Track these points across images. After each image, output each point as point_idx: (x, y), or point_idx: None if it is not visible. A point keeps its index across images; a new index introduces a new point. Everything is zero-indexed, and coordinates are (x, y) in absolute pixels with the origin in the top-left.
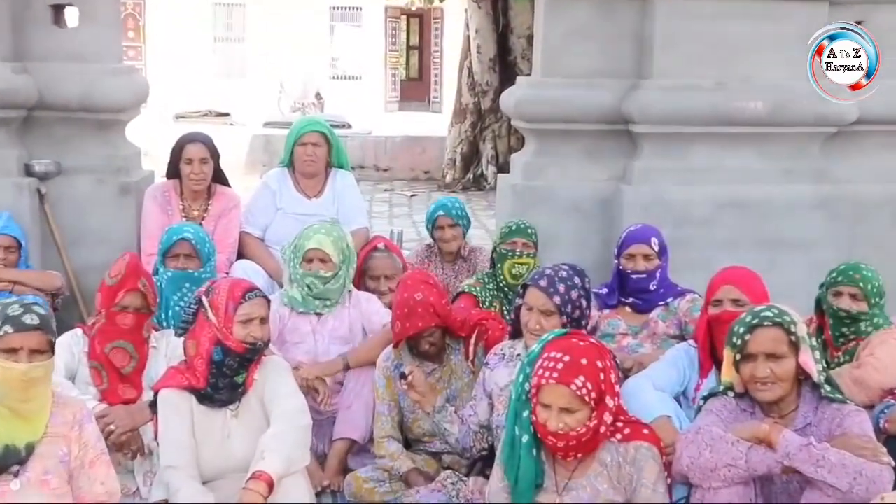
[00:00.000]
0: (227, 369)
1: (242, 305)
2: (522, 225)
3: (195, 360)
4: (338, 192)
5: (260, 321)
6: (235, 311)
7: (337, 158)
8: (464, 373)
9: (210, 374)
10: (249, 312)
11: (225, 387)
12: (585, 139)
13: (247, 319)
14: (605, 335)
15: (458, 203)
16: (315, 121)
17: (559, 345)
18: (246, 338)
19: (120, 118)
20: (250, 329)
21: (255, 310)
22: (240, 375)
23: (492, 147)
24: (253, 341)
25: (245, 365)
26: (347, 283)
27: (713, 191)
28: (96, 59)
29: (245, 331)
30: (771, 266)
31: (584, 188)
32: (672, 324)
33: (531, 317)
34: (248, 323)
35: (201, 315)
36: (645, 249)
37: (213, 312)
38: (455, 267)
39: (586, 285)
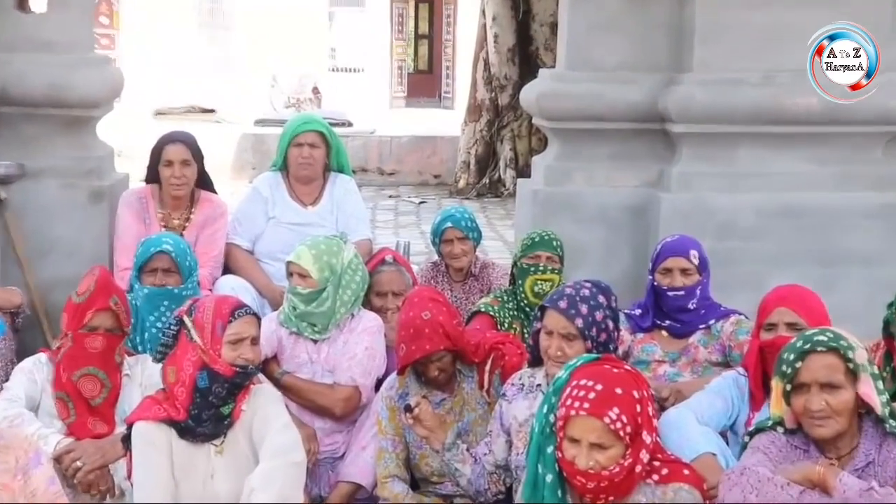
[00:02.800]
0: (214, 398)
1: (231, 324)
2: (546, 236)
3: (176, 388)
4: (337, 199)
5: (251, 341)
6: (223, 330)
7: (336, 161)
8: (478, 403)
9: (193, 404)
10: (239, 331)
11: (209, 419)
12: (616, 140)
13: (237, 339)
14: (638, 362)
15: (467, 213)
16: (312, 118)
17: (590, 371)
18: (236, 360)
19: (92, 115)
20: (241, 350)
21: (246, 328)
22: (226, 406)
23: (510, 148)
24: (244, 363)
25: (234, 393)
26: (340, 307)
27: (761, 198)
28: (65, 49)
29: (235, 352)
30: (828, 284)
31: (615, 195)
32: (714, 349)
33: (552, 342)
34: (239, 343)
35: (183, 337)
36: (683, 263)
37: (198, 333)
38: (465, 287)
39: (612, 304)
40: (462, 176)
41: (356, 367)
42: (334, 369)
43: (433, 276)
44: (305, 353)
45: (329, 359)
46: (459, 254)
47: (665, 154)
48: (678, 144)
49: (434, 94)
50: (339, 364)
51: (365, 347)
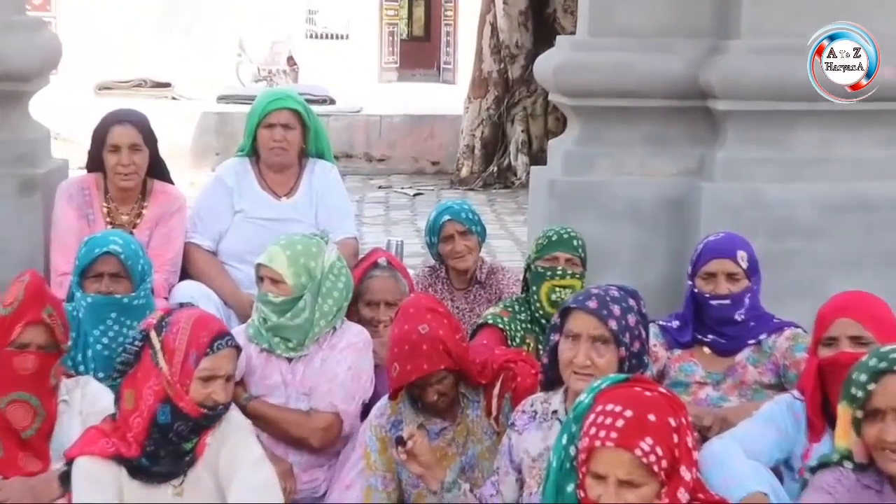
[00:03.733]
0: (175, 435)
1: (208, 357)
2: (565, 234)
3: (132, 417)
4: (317, 190)
5: (226, 379)
6: (197, 362)
7: (315, 145)
8: (484, 434)
9: (149, 439)
10: (215, 367)
11: (168, 455)
12: (649, 120)
13: (210, 376)
14: (675, 384)
15: (466, 206)
16: (286, 94)
17: (618, 394)
18: (205, 400)
19: (22, 90)
20: (212, 389)
21: (223, 365)
22: (188, 442)
23: (522, 130)
24: (213, 405)
25: (197, 431)
26: (319, 319)
27: (823, 189)
28: None
29: (205, 390)
30: None
31: (648, 186)
32: (766, 369)
33: (578, 349)
34: (211, 381)
35: (147, 356)
36: (729, 266)
37: (166, 358)
38: (469, 295)
39: (643, 310)
40: (465, 163)
41: (337, 391)
42: (311, 393)
43: (431, 283)
44: (278, 374)
45: (305, 380)
46: (462, 251)
47: (708, 137)
48: (724, 125)
49: (432, 66)
50: (317, 386)
51: (348, 367)
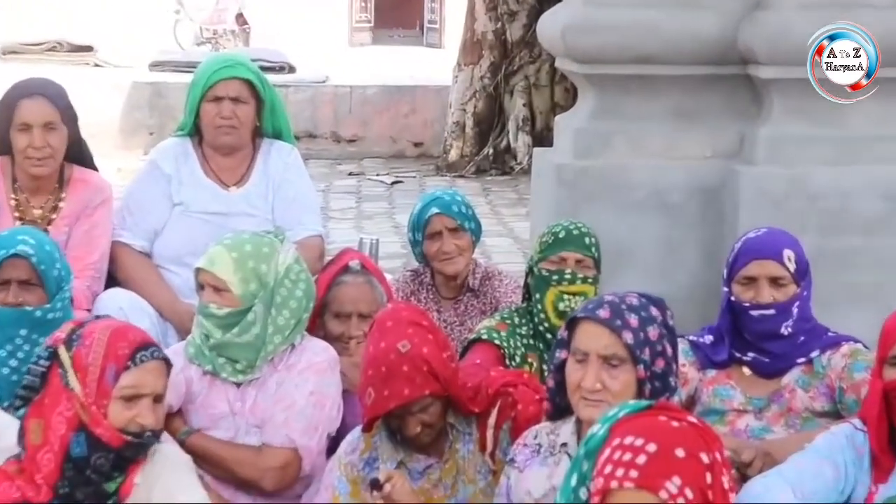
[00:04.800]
0: (93, 472)
1: (129, 372)
2: (575, 230)
3: (41, 453)
4: (273, 178)
5: (153, 399)
6: (116, 379)
7: (272, 123)
8: (478, 473)
9: (62, 479)
10: (139, 384)
11: (86, 498)
12: (676, 91)
13: (133, 395)
14: (709, 412)
15: (459, 197)
16: (235, 61)
17: (638, 425)
18: (128, 425)
19: None
20: (137, 411)
21: (149, 380)
22: (112, 481)
23: (524, 104)
24: (139, 430)
25: (122, 466)
26: (273, 335)
27: (887, 174)
28: None
29: (128, 413)
30: None
31: (675, 171)
32: (819, 392)
33: (587, 371)
34: (135, 401)
35: (56, 378)
36: (773, 269)
37: (78, 377)
38: (459, 305)
39: (669, 322)
40: (454, 144)
41: (296, 422)
42: (265, 424)
43: (413, 291)
44: (224, 402)
45: (257, 409)
46: (452, 252)
47: (748, 110)
48: (767, 97)
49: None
50: (271, 417)
51: (310, 392)
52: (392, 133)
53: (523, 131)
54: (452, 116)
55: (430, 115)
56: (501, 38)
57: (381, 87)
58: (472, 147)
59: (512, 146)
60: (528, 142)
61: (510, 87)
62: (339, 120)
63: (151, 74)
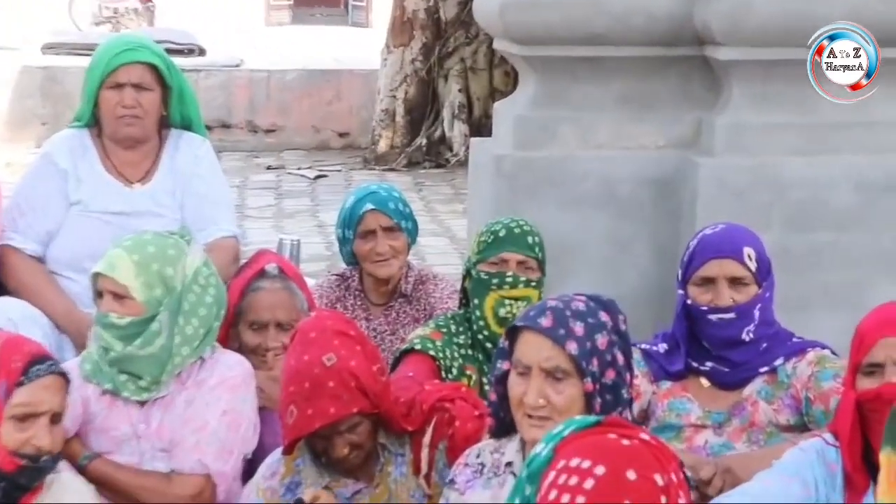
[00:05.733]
0: None
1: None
2: (517, 228)
3: None
4: (182, 173)
5: (50, 419)
6: (8, 395)
7: (180, 112)
8: (411, 497)
9: None
10: (34, 401)
11: None
12: (628, 74)
13: (28, 414)
14: (664, 427)
15: (396, 193)
16: (138, 43)
17: (585, 445)
18: (22, 447)
19: None
20: (32, 432)
21: (45, 397)
22: None
23: (460, 89)
24: (34, 454)
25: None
26: (181, 346)
27: (862, 164)
28: None
29: (22, 435)
30: None
31: (625, 162)
32: (784, 404)
33: (529, 386)
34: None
35: None
36: (733, 268)
37: None
38: (391, 312)
39: (621, 327)
40: (383, 134)
41: (209, 444)
42: (173, 448)
43: (340, 297)
44: (127, 424)
45: (164, 431)
46: (386, 253)
47: (706, 96)
48: (726, 80)
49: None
50: (180, 439)
51: (223, 411)
52: (314, 122)
53: (459, 119)
54: (381, 104)
55: (357, 102)
56: (434, 16)
57: (301, 71)
58: (402, 137)
59: (447, 136)
60: (465, 131)
61: (444, 70)
62: (255, 108)
63: (44, 58)
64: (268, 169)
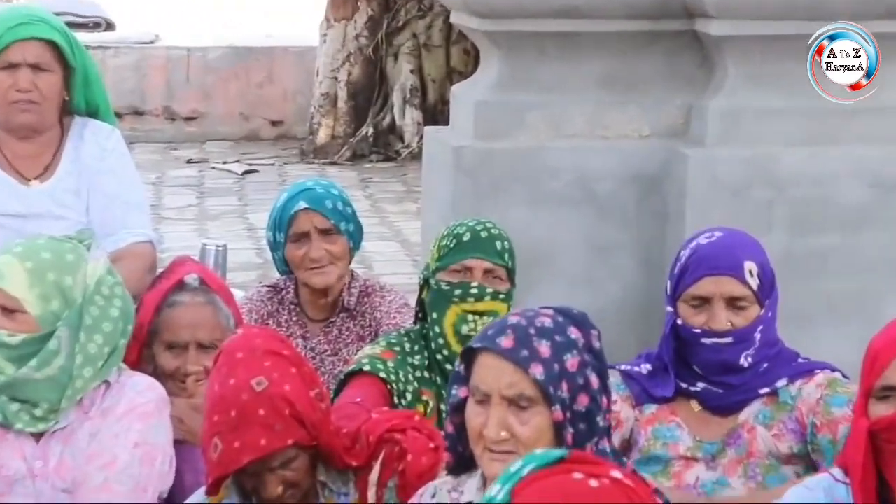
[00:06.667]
0: None
1: None
2: (483, 231)
3: None
4: (88, 168)
5: None
6: None
7: (85, 96)
8: None
9: None
10: None
11: None
12: (605, 53)
13: None
14: (649, 460)
15: (335, 190)
16: (34, 16)
17: (546, 487)
18: None
19: None
20: None
21: None
22: None
23: (412, 70)
24: None
25: None
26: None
27: (873, 155)
28: None
29: None
30: None
31: (604, 154)
32: (786, 429)
33: (490, 416)
34: None
35: None
36: (731, 287)
37: None
38: (331, 329)
39: (594, 344)
40: (323, 122)
41: (118, 483)
42: (77, 488)
43: (272, 311)
44: (20, 460)
45: (65, 468)
46: (322, 259)
47: (696, 77)
48: (720, 58)
49: None
50: (84, 478)
51: (134, 444)
52: (243, 108)
53: (411, 105)
54: (321, 87)
55: (292, 85)
56: None
57: (227, 48)
58: (346, 126)
59: (397, 124)
60: (418, 118)
61: (394, 48)
62: (173, 92)
63: None
64: (188, 163)
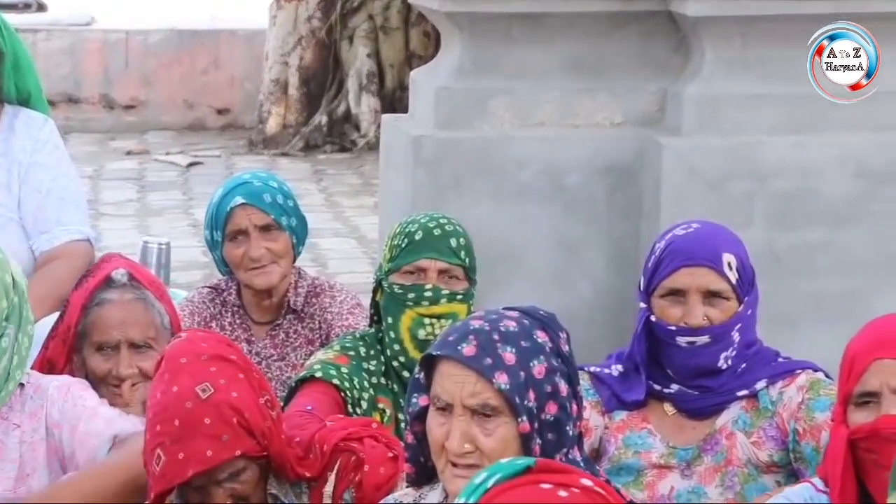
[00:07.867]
0: None
1: None
2: (437, 228)
3: None
4: (18, 161)
5: None
6: None
7: (15, 83)
8: None
9: None
10: None
11: None
12: (574, 35)
13: None
14: (620, 469)
15: (274, 182)
16: None
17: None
18: None
19: None
20: None
21: None
22: None
23: (368, 54)
24: None
25: None
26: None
27: (862, 145)
28: None
29: None
30: None
31: (573, 143)
32: (767, 436)
33: (452, 428)
34: None
35: None
36: (708, 279)
37: None
38: (277, 332)
39: (563, 348)
40: (273, 110)
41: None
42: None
43: (215, 314)
44: None
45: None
46: (263, 259)
47: (672, 61)
48: (697, 41)
49: None
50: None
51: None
52: (186, 96)
53: (368, 92)
54: (270, 72)
55: (239, 70)
56: None
57: (169, 31)
58: (297, 114)
59: (352, 113)
60: (375, 106)
61: (349, 31)
62: (110, 78)
63: None
64: (128, 155)
